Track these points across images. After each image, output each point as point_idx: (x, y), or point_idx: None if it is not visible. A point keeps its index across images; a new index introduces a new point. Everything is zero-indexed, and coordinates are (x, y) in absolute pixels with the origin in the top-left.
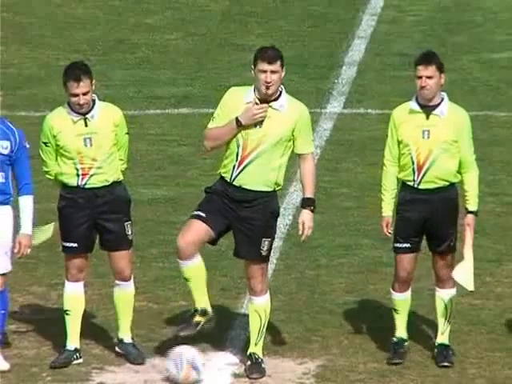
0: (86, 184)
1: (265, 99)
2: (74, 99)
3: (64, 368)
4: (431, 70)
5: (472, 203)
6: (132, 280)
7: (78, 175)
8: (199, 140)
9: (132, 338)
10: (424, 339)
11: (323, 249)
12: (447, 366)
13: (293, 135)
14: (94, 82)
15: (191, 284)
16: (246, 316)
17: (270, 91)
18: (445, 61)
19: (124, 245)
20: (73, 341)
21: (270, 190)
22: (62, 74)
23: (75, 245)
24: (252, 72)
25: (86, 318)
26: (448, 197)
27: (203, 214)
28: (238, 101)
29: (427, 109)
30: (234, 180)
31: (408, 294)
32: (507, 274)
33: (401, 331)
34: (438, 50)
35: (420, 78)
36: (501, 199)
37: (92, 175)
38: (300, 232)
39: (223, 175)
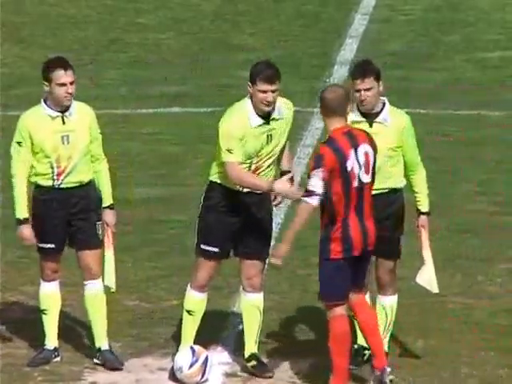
0: (61, 184)
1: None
2: (61, 90)
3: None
4: (368, 82)
5: (424, 204)
6: (101, 279)
7: (53, 175)
8: (192, 139)
9: (109, 345)
10: (415, 338)
11: (315, 248)
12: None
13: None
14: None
15: (190, 319)
16: (239, 315)
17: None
18: (437, 61)
19: (94, 243)
20: (52, 340)
21: None
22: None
23: (52, 246)
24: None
25: (77, 317)
26: (392, 203)
27: (216, 250)
28: (244, 128)
29: (369, 117)
30: (242, 188)
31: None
32: (499, 274)
33: (362, 338)
34: (430, 49)
35: (358, 91)
36: (492, 198)
37: (67, 175)
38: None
39: (227, 186)
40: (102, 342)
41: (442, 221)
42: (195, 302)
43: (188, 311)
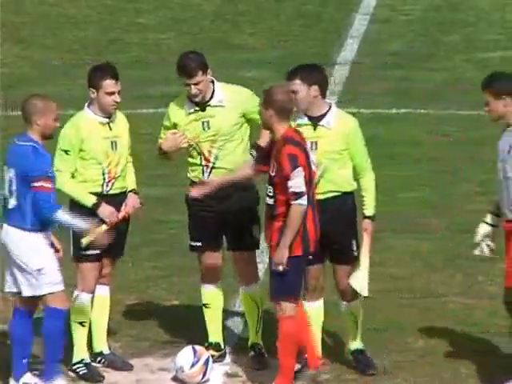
0: (110, 190)
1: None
2: (109, 98)
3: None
4: (294, 85)
5: (369, 208)
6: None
7: (104, 181)
8: None
9: (109, 348)
10: (415, 339)
11: None
12: (374, 374)
13: (244, 118)
14: None
15: (209, 312)
16: (240, 315)
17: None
18: (437, 61)
19: (120, 253)
20: (86, 352)
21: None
22: (55, 74)
23: (97, 251)
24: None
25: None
26: (342, 206)
27: (200, 244)
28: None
29: (314, 120)
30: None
31: (317, 304)
32: (500, 274)
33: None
34: (430, 49)
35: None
36: (492, 198)
37: (115, 181)
38: None
39: (193, 180)
40: (103, 345)
41: (442, 221)
42: (206, 294)
43: (204, 305)
